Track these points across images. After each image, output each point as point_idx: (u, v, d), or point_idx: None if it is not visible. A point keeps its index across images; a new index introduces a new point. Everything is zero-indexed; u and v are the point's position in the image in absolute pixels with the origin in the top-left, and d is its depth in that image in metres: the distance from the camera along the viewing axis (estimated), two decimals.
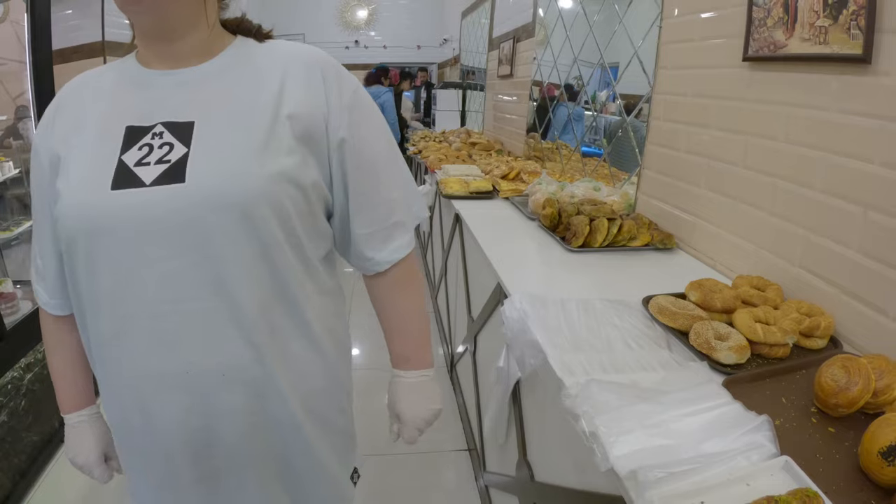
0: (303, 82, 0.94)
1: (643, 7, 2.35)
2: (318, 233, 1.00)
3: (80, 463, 1.10)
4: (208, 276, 0.86)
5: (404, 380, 1.14)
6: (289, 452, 1.03)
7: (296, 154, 0.91)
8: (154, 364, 0.90)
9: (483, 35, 5.90)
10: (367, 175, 1.01)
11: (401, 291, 1.12)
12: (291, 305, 0.95)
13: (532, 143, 4.07)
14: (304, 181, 0.92)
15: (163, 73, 0.93)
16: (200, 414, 0.93)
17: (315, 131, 0.93)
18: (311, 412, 1.03)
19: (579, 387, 1.02)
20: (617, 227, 1.96)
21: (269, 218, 0.87)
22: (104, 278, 0.88)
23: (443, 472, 2.52)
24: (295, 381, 0.98)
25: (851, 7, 1.26)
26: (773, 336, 1.19)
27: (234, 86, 0.92)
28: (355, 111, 0.98)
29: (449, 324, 3.38)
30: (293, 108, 0.91)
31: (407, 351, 1.14)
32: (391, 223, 1.06)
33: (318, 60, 0.98)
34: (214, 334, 0.89)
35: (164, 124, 0.88)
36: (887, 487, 0.82)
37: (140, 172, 0.85)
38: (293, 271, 0.94)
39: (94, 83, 0.97)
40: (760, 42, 1.57)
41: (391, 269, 1.09)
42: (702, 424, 0.91)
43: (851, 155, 1.30)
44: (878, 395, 0.99)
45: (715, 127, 1.81)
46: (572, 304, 1.38)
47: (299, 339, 0.98)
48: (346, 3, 10.75)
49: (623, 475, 0.82)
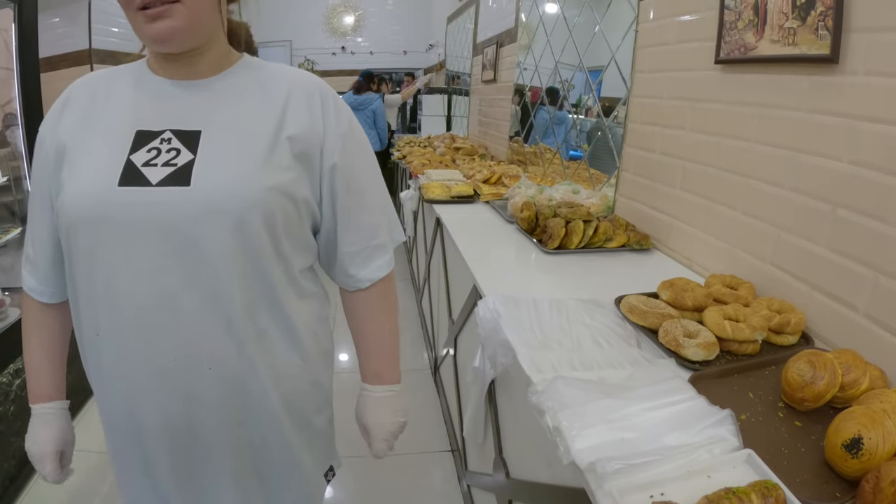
0: (304, 107, 1.01)
1: (620, 11, 2.37)
2: (303, 245, 1.06)
3: (34, 452, 1.10)
4: (200, 275, 0.92)
5: (373, 394, 1.19)
6: (266, 447, 1.08)
7: (292, 171, 0.98)
8: (142, 354, 0.95)
9: (468, 40, 5.91)
10: (355, 199, 1.08)
11: (378, 309, 1.19)
12: (276, 308, 1.01)
13: (515, 148, 4.09)
14: (297, 196, 0.99)
15: (174, 83, 0.98)
16: (183, 404, 0.98)
17: (311, 153, 1.01)
18: (290, 410, 1.09)
19: (546, 383, 1.03)
20: (593, 228, 1.97)
21: (260, 226, 0.93)
22: (101, 270, 0.92)
23: (427, 473, 2.52)
24: (277, 380, 1.04)
25: (819, 8, 1.28)
26: (741, 333, 1.20)
27: (241, 102, 0.99)
28: (349, 139, 1.06)
29: (432, 327, 3.38)
30: (293, 130, 0.98)
31: (378, 368, 1.19)
32: (374, 244, 1.14)
33: (318, 89, 1.05)
34: (203, 330, 0.94)
35: (172, 131, 0.94)
36: (851, 479, 0.83)
37: (147, 172, 0.90)
38: (278, 277, 1.00)
39: (106, 83, 1.01)
40: (732, 45, 1.58)
41: (371, 287, 1.16)
42: (664, 418, 0.92)
43: (820, 154, 1.32)
44: (845, 390, 1.00)
45: (689, 129, 1.83)
46: (545, 304, 1.39)
47: (283, 340, 1.04)
48: (333, 10, 10.74)
49: (583, 467, 0.83)
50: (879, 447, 0.81)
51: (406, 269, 4.99)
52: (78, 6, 3.64)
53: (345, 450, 1.36)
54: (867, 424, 0.83)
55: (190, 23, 0.90)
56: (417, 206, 3.87)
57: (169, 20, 0.88)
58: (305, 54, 10.36)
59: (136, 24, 0.89)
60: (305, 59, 10.29)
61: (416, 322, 4.04)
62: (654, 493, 0.79)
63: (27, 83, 2.72)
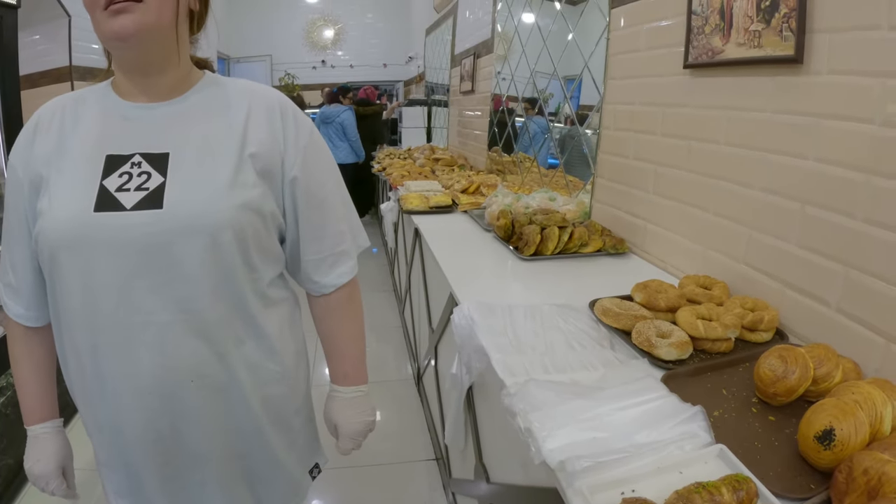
0: (264, 123, 1.03)
1: (593, 20, 2.39)
2: (271, 257, 1.08)
3: (37, 472, 1.11)
4: (177, 292, 0.94)
5: (341, 395, 1.22)
6: (250, 452, 1.12)
7: (258, 187, 1.00)
8: (125, 373, 0.97)
9: (446, 52, 5.93)
10: (317, 209, 1.11)
11: (343, 312, 1.22)
12: (250, 319, 1.04)
13: (494, 157, 4.10)
14: (265, 210, 1.02)
15: (139, 107, 0.99)
16: (169, 418, 1.01)
17: (272, 168, 1.03)
18: (270, 414, 1.12)
19: (518, 386, 1.03)
20: (568, 234, 1.97)
21: (232, 242, 0.96)
22: (81, 292, 0.94)
23: (413, 482, 2.50)
24: (256, 386, 1.08)
25: (783, 10, 1.30)
26: (714, 331, 1.21)
27: (205, 122, 1.00)
28: (308, 151, 1.08)
29: (414, 337, 3.37)
30: (254, 147, 1.00)
31: (347, 369, 1.22)
32: (338, 251, 1.16)
33: (278, 103, 1.07)
34: (183, 345, 0.97)
35: (141, 155, 0.95)
36: (825, 471, 0.84)
37: (121, 198, 0.92)
38: (249, 290, 1.03)
39: (73, 109, 1.02)
40: (700, 49, 1.60)
41: (335, 291, 1.18)
42: (635, 417, 0.92)
43: (787, 153, 1.34)
44: (818, 383, 1.01)
45: (660, 133, 1.85)
46: (519, 310, 1.39)
47: (260, 348, 1.07)
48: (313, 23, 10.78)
49: (553, 466, 0.83)
50: (851, 438, 0.82)
51: (388, 280, 4.98)
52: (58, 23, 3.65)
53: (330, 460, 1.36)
54: (838, 416, 0.84)
55: (151, 21, 0.90)
56: (398, 217, 3.87)
57: (130, 15, 0.88)
58: (286, 68, 10.38)
59: (98, 23, 0.90)
60: (286, 73, 10.31)
61: (398, 333, 4.02)
62: (626, 490, 0.79)
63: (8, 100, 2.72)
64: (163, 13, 0.92)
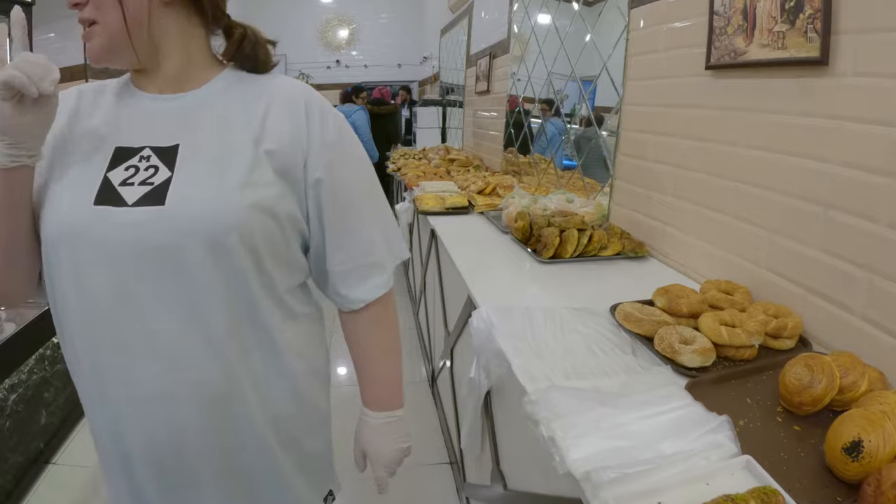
0: (285, 117, 0.95)
1: (611, 20, 2.37)
2: (291, 265, 1.00)
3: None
4: (179, 298, 0.88)
5: (373, 421, 1.13)
6: (254, 472, 1.03)
7: (274, 186, 0.92)
8: (123, 380, 0.91)
9: (461, 52, 5.93)
10: (344, 214, 1.01)
11: (375, 331, 1.13)
12: (261, 331, 0.96)
13: (509, 158, 4.09)
14: (280, 212, 0.93)
15: (153, 98, 0.95)
16: (168, 431, 0.94)
17: (293, 167, 0.95)
18: (279, 435, 1.04)
19: (540, 393, 1.02)
20: (587, 237, 1.96)
21: (239, 247, 0.88)
22: (78, 291, 0.89)
23: (426, 486, 2.50)
24: (264, 404, 1.00)
25: (808, 11, 1.28)
26: (737, 338, 1.19)
27: (220, 115, 0.94)
28: (337, 150, 0.99)
29: (429, 339, 3.37)
30: (272, 143, 0.93)
31: (379, 393, 1.14)
32: (368, 262, 1.06)
33: (302, 95, 0.99)
34: (183, 355, 0.90)
35: (151, 148, 0.90)
36: (852, 483, 0.82)
37: (123, 192, 0.87)
38: (262, 299, 0.95)
39: (91, 97, 0.98)
40: (722, 50, 1.58)
41: (365, 308, 1.09)
42: (660, 426, 0.91)
43: (810, 156, 1.31)
44: (844, 392, 0.99)
45: (680, 135, 1.83)
46: (538, 314, 1.38)
47: (269, 363, 0.99)
48: (328, 23, 10.83)
49: (578, 477, 0.82)
50: (880, 449, 0.80)
51: (402, 281, 4.98)
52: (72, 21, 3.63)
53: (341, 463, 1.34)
54: (866, 427, 0.82)
55: (107, 43, 0.88)
56: (413, 218, 3.87)
57: (94, 41, 0.88)
58: (300, 68, 10.42)
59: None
60: (300, 72, 10.37)
61: (413, 335, 4.02)
62: (652, 502, 0.78)
63: None
64: (117, 26, 0.88)
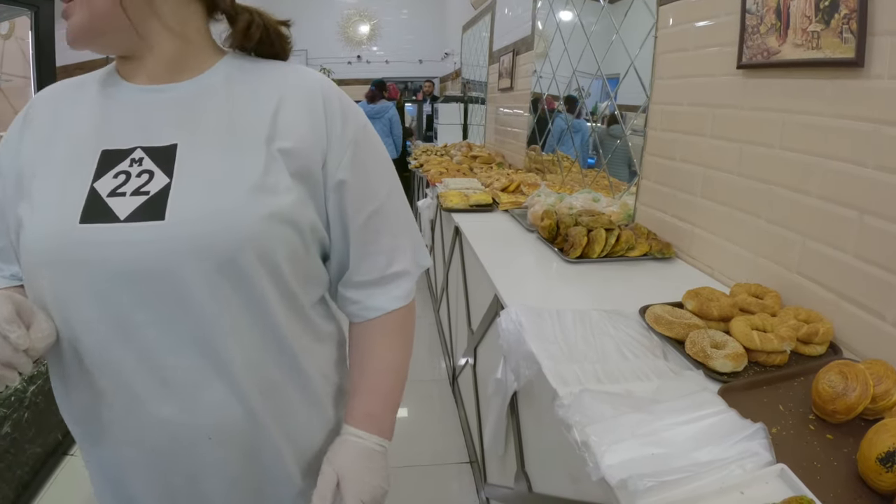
0: (302, 111, 0.83)
1: (639, 18, 2.35)
2: (312, 279, 0.90)
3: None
4: (188, 330, 0.76)
5: (360, 441, 0.90)
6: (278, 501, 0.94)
7: (293, 192, 0.80)
8: (124, 425, 0.81)
9: (483, 48, 5.92)
10: (370, 220, 0.90)
11: (388, 344, 0.97)
12: (286, 358, 0.85)
13: (532, 156, 4.08)
14: (302, 222, 0.82)
15: (142, 89, 0.82)
16: (185, 480, 0.85)
17: (312, 169, 0.83)
18: (308, 467, 0.93)
19: (572, 397, 1.01)
20: (615, 237, 1.95)
21: (256, 267, 0.77)
22: (66, 323, 0.77)
23: (445, 485, 2.50)
24: (291, 437, 0.90)
25: (843, 11, 1.26)
26: (769, 343, 1.18)
27: (223, 108, 0.81)
28: (359, 148, 0.87)
29: (450, 336, 3.38)
30: (287, 141, 0.81)
31: (372, 408, 0.94)
32: (394, 271, 0.95)
33: (320, 87, 0.86)
34: (196, 395, 0.79)
35: (143, 149, 0.77)
36: (886, 494, 0.81)
37: (114, 205, 0.74)
38: (285, 323, 0.84)
39: (71, 95, 0.86)
40: (754, 49, 1.57)
41: (382, 317, 0.96)
42: (695, 433, 0.90)
43: (846, 159, 1.30)
44: (876, 401, 0.98)
45: (710, 135, 1.81)
46: (568, 315, 1.38)
47: (295, 392, 0.88)
48: (349, 19, 10.85)
49: (614, 484, 0.81)
50: None
51: (423, 277, 4.98)
52: None
53: None
54: None
55: (88, 20, 0.76)
56: (435, 214, 3.87)
57: (72, 18, 0.76)
58: (321, 63, 10.45)
59: None
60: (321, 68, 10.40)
61: (432, 331, 4.03)
62: None
63: None
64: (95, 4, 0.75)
